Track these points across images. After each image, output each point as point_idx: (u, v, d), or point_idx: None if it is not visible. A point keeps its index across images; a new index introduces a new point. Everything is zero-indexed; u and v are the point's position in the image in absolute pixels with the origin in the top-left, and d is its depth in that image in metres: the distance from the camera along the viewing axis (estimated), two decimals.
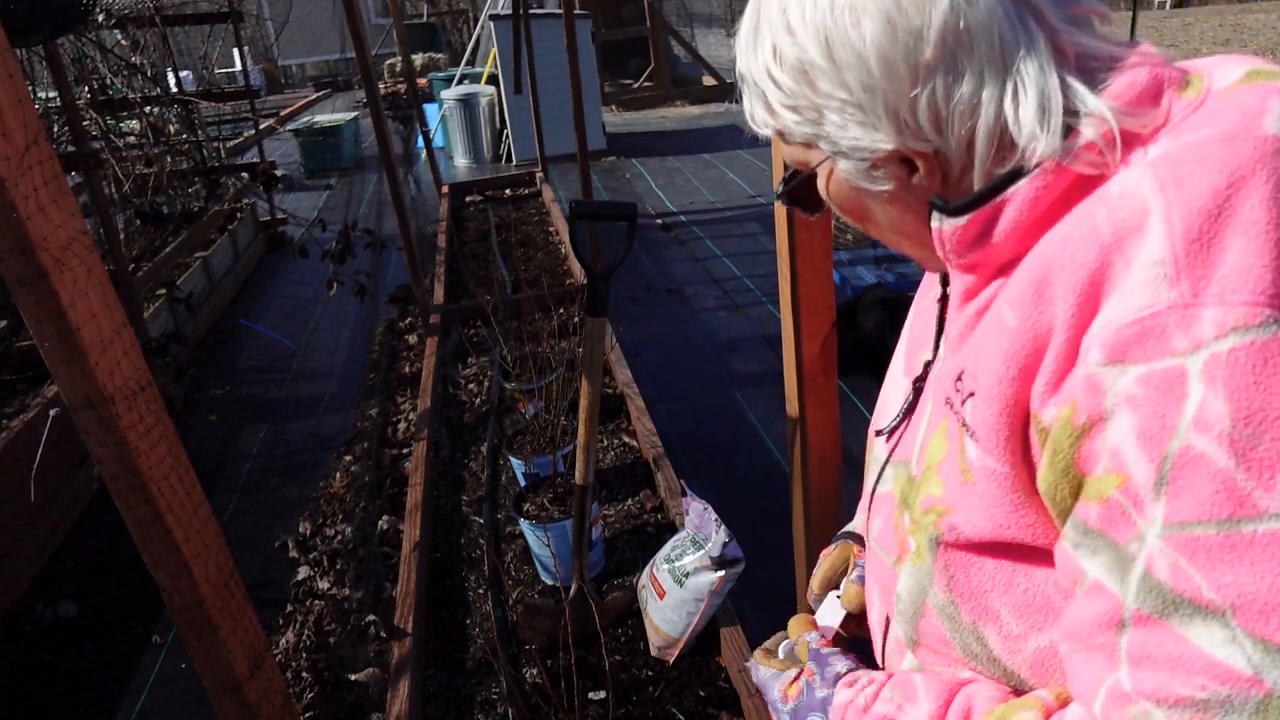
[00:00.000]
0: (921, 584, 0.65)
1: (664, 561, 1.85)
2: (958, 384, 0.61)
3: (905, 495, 0.67)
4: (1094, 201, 0.53)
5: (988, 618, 0.61)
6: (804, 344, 0.80)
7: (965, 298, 0.64)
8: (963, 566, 0.61)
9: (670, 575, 1.81)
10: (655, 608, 1.85)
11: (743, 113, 0.68)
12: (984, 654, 0.63)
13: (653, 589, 1.87)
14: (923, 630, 0.67)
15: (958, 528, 0.60)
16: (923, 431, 0.67)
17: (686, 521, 1.85)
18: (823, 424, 0.84)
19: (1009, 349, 0.55)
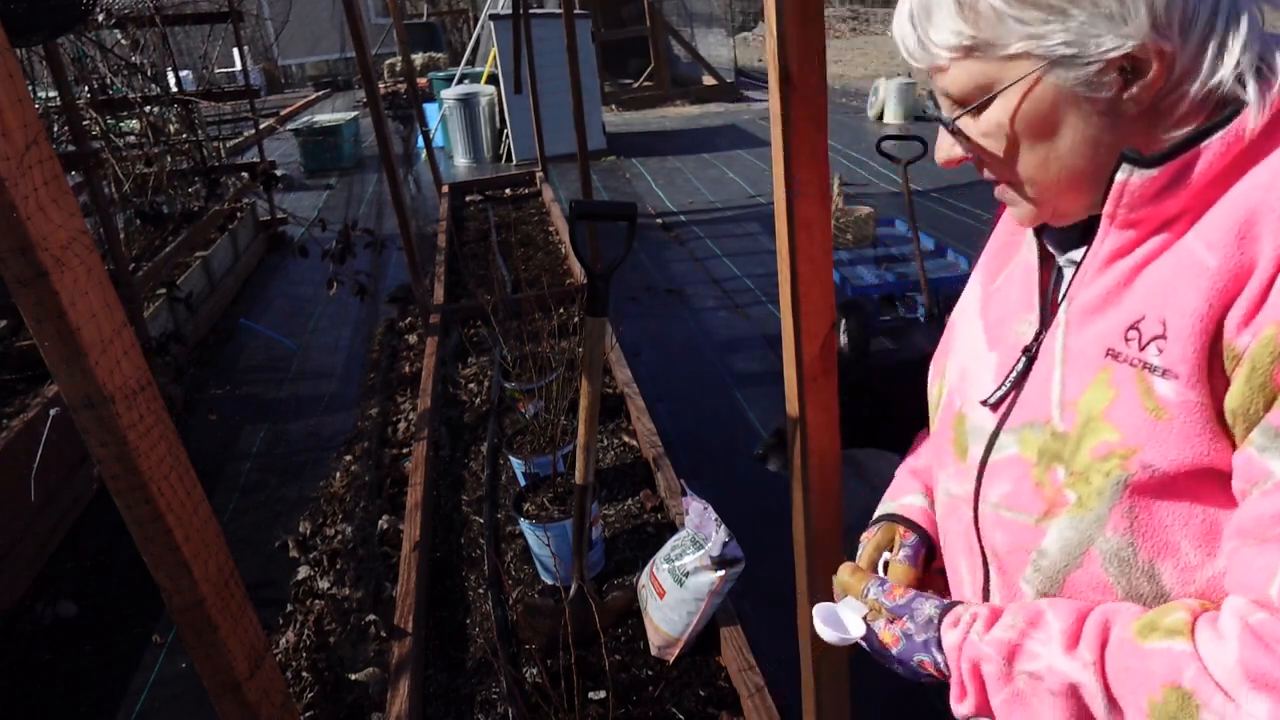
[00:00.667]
0: (1085, 533, 0.66)
1: (664, 561, 1.85)
2: (1129, 334, 0.64)
3: (1052, 451, 0.68)
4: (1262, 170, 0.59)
5: (1167, 552, 0.64)
6: (804, 344, 0.80)
7: (1114, 257, 0.67)
8: (1148, 505, 0.63)
9: (670, 575, 1.81)
10: (655, 607, 1.85)
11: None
12: (1152, 592, 0.65)
13: (653, 588, 1.87)
14: (1073, 581, 0.68)
15: (1153, 465, 0.62)
16: (1060, 389, 0.68)
17: (686, 521, 1.85)
18: (823, 424, 0.84)
19: (1210, 287, 0.59)
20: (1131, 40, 0.60)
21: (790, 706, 1.98)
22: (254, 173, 5.60)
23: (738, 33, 18.12)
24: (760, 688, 1.68)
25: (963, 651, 0.71)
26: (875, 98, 9.55)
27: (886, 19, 22.41)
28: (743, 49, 16.88)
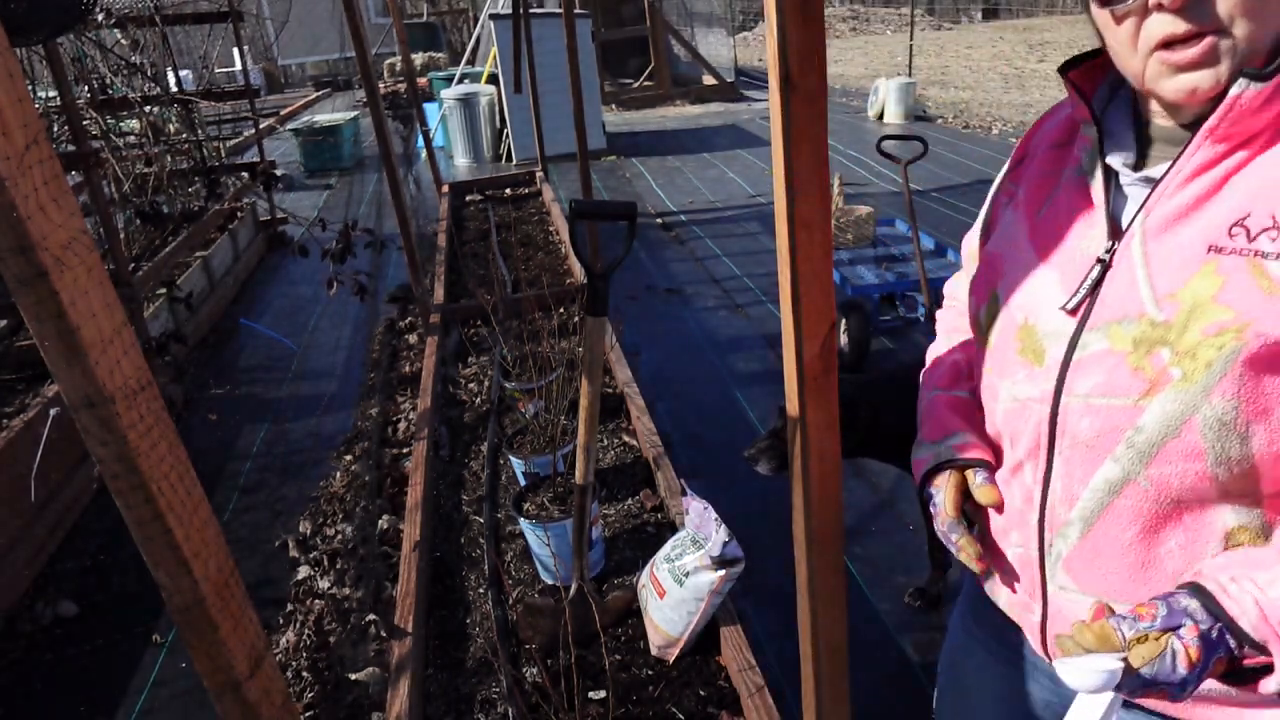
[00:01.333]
0: (1190, 403, 0.73)
1: (664, 561, 1.85)
2: (1234, 230, 0.72)
3: (1152, 339, 0.75)
4: None
5: (1263, 416, 0.72)
6: (804, 343, 0.80)
7: (1200, 170, 0.75)
8: (1257, 373, 0.71)
9: (670, 575, 1.81)
10: (655, 607, 1.85)
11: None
12: (1240, 454, 0.73)
13: (653, 588, 1.87)
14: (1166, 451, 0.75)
15: (1266, 334, 0.69)
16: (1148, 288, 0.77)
17: (686, 521, 1.85)
18: (823, 424, 0.84)
19: None
20: None
21: (790, 707, 1.99)
22: (254, 173, 5.60)
23: (738, 32, 18.12)
24: (760, 688, 1.68)
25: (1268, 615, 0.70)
26: (875, 98, 9.56)
27: (886, 19, 22.41)
28: (743, 49, 16.89)
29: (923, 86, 11.28)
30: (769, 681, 1.71)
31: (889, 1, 23.78)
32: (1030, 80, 11.31)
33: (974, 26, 21.36)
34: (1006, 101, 9.99)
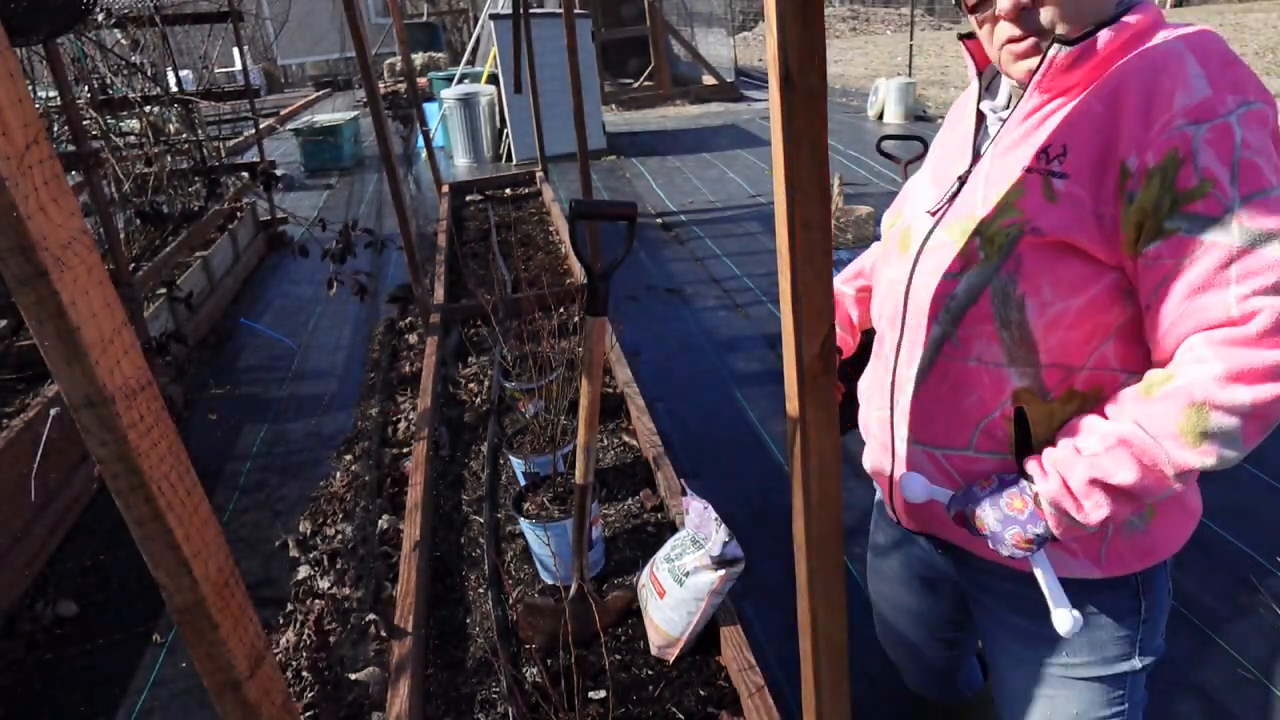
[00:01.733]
0: (985, 277, 1.01)
1: (664, 561, 1.85)
2: (1039, 156, 0.99)
3: (972, 230, 1.02)
4: (1145, 50, 0.95)
5: (1033, 289, 0.98)
6: (804, 343, 0.80)
7: (1030, 113, 1.02)
8: (1029, 255, 0.98)
9: (670, 575, 1.81)
10: (655, 607, 1.85)
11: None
12: (1017, 320, 0.99)
13: (653, 588, 1.87)
14: (969, 316, 1.03)
15: (1038, 228, 0.97)
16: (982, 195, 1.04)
17: (686, 521, 1.85)
18: (823, 424, 0.84)
19: (1098, 125, 0.95)
20: None
21: (790, 707, 1.99)
22: (254, 172, 5.59)
23: (738, 32, 18.11)
24: (760, 688, 1.68)
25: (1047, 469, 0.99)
26: (875, 98, 9.55)
27: (887, 19, 22.40)
28: (743, 49, 16.87)
29: (923, 86, 11.28)
30: (769, 681, 1.71)
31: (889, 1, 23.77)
32: None
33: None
34: None
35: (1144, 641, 1.13)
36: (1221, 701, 2.01)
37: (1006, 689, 1.24)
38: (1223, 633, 2.20)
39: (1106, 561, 1.07)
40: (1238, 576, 2.39)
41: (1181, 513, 1.10)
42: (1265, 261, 0.87)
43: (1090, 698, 1.14)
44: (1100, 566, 1.08)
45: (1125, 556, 1.08)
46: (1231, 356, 0.87)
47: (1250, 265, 0.87)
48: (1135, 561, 1.08)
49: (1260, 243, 0.87)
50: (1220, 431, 0.89)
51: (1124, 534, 1.07)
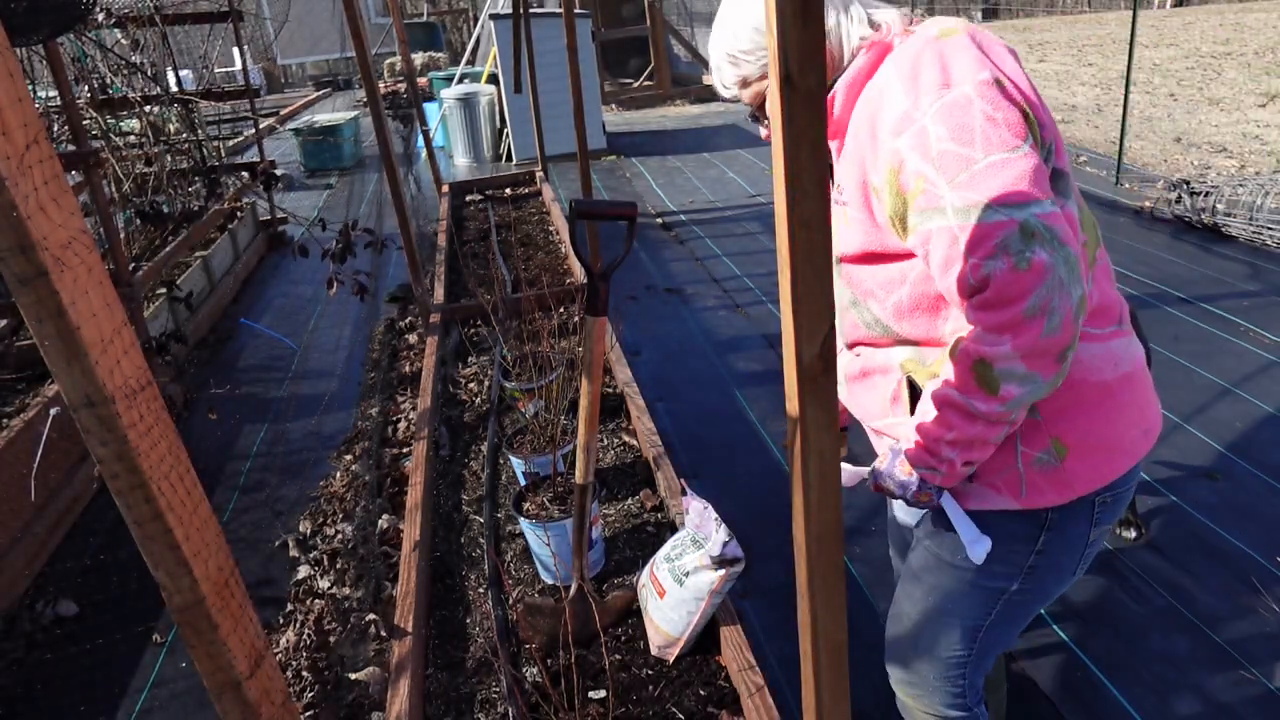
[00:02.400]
0: (840, 295, 1.28)
1: (664, 561, 1.85)
2: (834, 191, 1.23)
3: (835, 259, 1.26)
4: (869, 85, 1.18)
5: (866, 294, 1.26)
6: (804, 343, 0.80)
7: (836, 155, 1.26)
8: (852, 271, 1.26)
9: (670, 574, 1.81)
10: (655, 607, 1.85)
11: (743, 112, 1.07)
12: (871, 318, 1.27)
13: (653, 588, 1.87)
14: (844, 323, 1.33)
15: (844, 249, 1.24)
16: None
17: (686, 521, 1.85)
18: (823, 424, 0.84)
19: (854, 159, 1.18)
20: None
21: (790, 707, 1.99)
22: (254, 172, 5.59)
23: None
24: (760, 688, 1.68)
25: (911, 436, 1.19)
26: None
27: None
28: None
29: None
30: (769, 681, 1.71)
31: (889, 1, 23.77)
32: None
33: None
34: None
35: (1031, 572, 1.26)
36: (1222, 701, 2.01)
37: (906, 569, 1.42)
38: (1223, 633, 2.20)
39: (1027, 495, 1.19)
40: (1238, 576, 2.39)
41: (1101, 452, 1.19)
42: (983, 229, 1.01)
43: (959, 596, 1.32)
44: (1020, 500, 1.20)
45: (1044, 490, 1.19)
46: (985, 318, 1.04)
47: (973, 237, 1.02)
48: (1054, 494, 1.19)
49: (974, 214, 1.02)
50: (1006, 375, 1.05)
51: (1036, 468, 1.18)
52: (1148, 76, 10.35)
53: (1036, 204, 1.00)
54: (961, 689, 1.39)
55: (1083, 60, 12.28)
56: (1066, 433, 1.17)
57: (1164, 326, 3.89)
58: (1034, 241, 0.99)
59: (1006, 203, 1.00)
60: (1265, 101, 8.52)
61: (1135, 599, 2.34)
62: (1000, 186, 1.00)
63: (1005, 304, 1.01)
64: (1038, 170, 1.02)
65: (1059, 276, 0.99)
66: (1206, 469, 2.86)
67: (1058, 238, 1.00)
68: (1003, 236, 1.00)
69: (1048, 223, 1.00)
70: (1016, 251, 0.99)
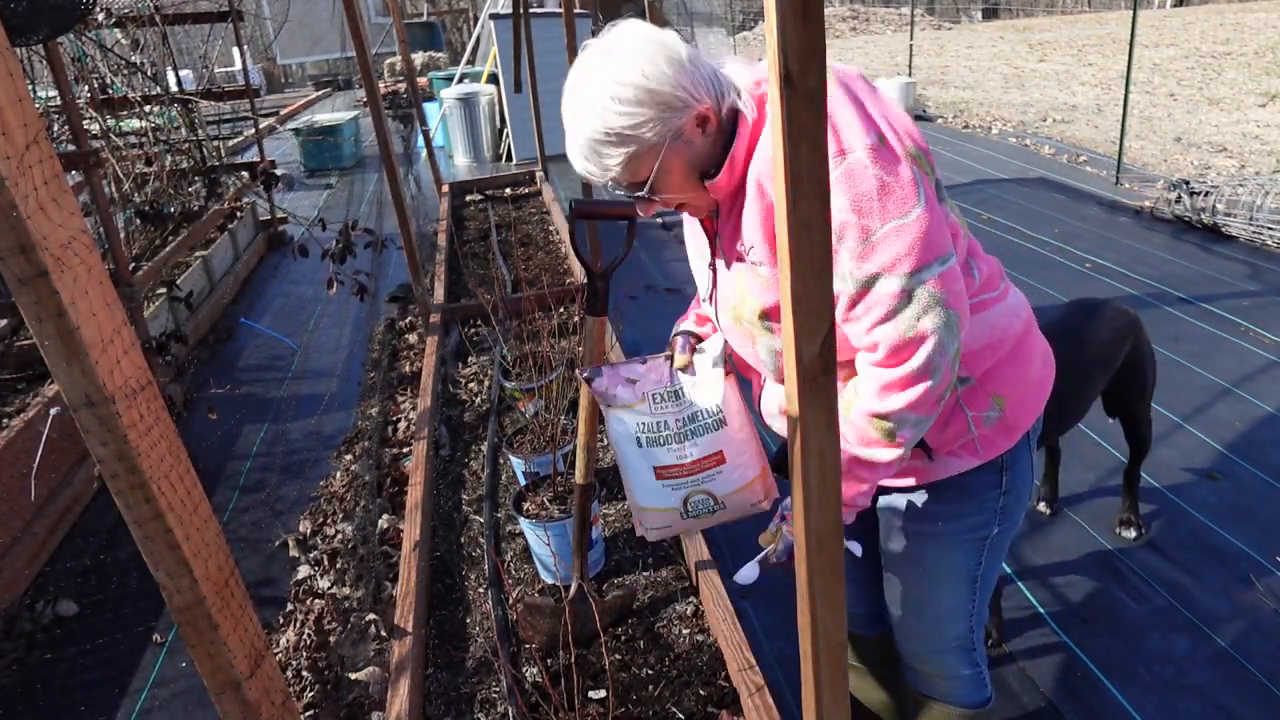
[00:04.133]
0: (767, 345, 1.29)
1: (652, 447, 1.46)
2: (739, 248, 1.25)
3: (737, 314, 1.30)
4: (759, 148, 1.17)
5: None
6: (804, 343, 0.80)
7: (725, 216, 1.28)
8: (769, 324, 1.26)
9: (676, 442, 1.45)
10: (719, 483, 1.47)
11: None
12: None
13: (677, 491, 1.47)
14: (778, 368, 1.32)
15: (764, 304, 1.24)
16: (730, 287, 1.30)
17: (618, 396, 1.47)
18: (823, 424, 0.84)
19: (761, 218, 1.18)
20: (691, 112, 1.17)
21: (790, 707, 1.99)
22: (254, 172, 5.59)
23: (738, 32, 18.10)
24: (760, 687, 1.68)
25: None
26: None
27: (887, 19, 22.40)
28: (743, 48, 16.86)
29: (923, 86, 11.27)
30: (769, 681, 1.71)
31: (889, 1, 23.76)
32: (1030, 80, 11.31)
33: (974, 26, 21.35)
34: (1006, 101, 9.99)
35: (1004, 511, 1.37)
36: (1221, 701, 2.01)
37: (890, 557, 1.47)
38: (1223, 632, 2.20)
39: (983, 450, 1.30)
40: (1238, 576, 2.39)
41: (1029, 391, 1.32)
42: (877, 297, 1.10)
43: (953, 556, 1.40)
44: (979, 456, 1.30)
45: (996, 441, 1.30)
46: (876, 376, 1.15)
47: (868, 303, 1.11)
48: (1004, 442, 1.31)
49: (870, 284, 1.10)
50: (900, 425, 1.16)
51: (986, 426, 1.29)
52: (1148, 76, 10.35)
53: (926, 270, 1.09)
54: (972, 642, 1.49)
55: (1083, 60, 12.28)
56: (1000, 386, 1.28)
57: (1164, 326, 3.89)
58: (921, 310, 1.09)
59: (899, 272, 1.08)
60: (1265, 101, 8.52)
61: (1135, 599, 2.34)
62: (893, 257, 1.08)
63: (894, 365, 1.13)
64: (931, 228, 1.09)
65: (941, 340, 1.10)
66: (1206, 469, 2.86)
67: (943, 302, 1.09)
68: (894, 305, 1.09)
69: (934, 288, 1.09)
70: (905, 320, 1.10)
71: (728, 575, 1.42)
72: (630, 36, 1.17)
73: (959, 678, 1.51)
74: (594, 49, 1.19)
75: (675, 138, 1.17)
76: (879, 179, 1.08)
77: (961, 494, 1.35)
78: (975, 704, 1.53)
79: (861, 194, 1.08)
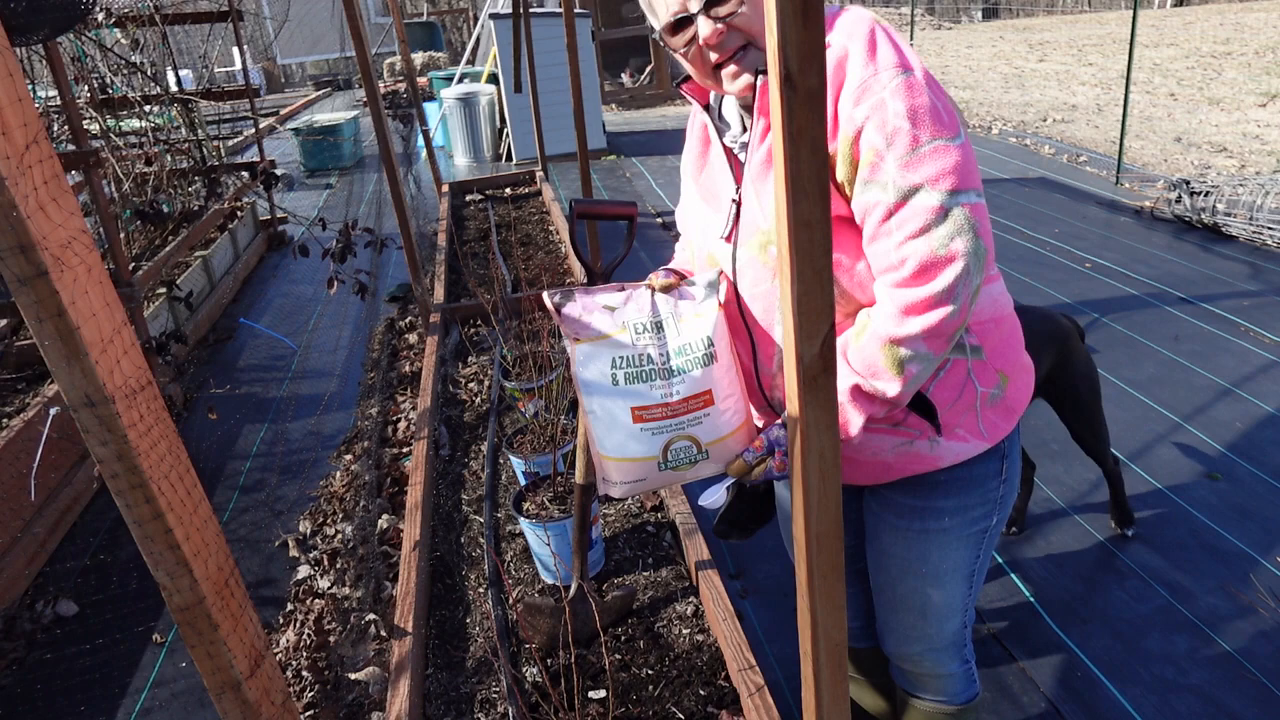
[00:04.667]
0: None
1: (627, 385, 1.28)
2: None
3: (766, 241, 1.22)
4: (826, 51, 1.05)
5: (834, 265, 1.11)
6: (804, 343, 0.80)
7: (764, 134, 1.20)
8: None
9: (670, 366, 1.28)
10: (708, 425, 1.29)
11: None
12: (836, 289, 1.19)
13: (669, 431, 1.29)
14: None
15: None
16: (761, 211, 1.22)
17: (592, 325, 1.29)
18: (823, 424, 0.84)
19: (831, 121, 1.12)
20: None
21: (790, 707, 1.99)
22: (254, 172, 5.59)
23: None
24: (760, 687, 1.68)
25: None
26: None
27: (887, 18, 22.39)
28: None
29: None
30: (769, 681, 1.71)
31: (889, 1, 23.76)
32: (1030, 80, 11.31)
33: (974, 26, 21.35)
34: (1006, 101, 9.99)
35: (1002, 500, 1.37)
36: (1221, 701, 2.01)
37: (889, 561, 1.44)
38: (1223, 632, 2.20)
39: (988, 433, 1.29)
40: (1237, 576, 2.39)
41: (1023, 372, 1.34)
42: (914, 210, 1.07)
43: (956, 552, 1.38)
44: (985, 439, 1.29)
45: (998, 423, 1.30)
46: (897, 297, 1.11)
47: (903, 216, 1.08)
48: (1005, 425, 1.31)
49: (910, 195, 1.07)
50: (912, 355, 1.13)
51: (990, 405, 1.28)
52: (1148, 76, 10.35)
53: (965, 194, 1.08)
54: (964, 639, 1.50)
55: (1083, 60, 12.28)
56: (1004, 364, 1.29)
57: (1164, 326, 3.89)
58: (956, 230, 1.07)
59: (941, 189, 1.07)
60: (1265, 101, 8.52)
61: (1135, 599, 2.34)
62: (938, 172, 1.07)
63: (917, 284, 1.09)
64: (971, 160, 1.10)
65: (969, 265, 1.08)
66: (1206, 469, 2.86)
67: (976, 230, 1.08)
68: (930, 220, 1.07)
69: (971, 214, 1.08)
70: (939, 236, 1.07)
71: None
72: None
73: (951, 675, 1.51)
74: None
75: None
76: (934, 98, 1.09)
77: (965, 486, 1.34)
78: (965, 699, 1.54)
79: (918, 105, 1.08)
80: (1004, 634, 2.25)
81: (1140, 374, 3.50)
